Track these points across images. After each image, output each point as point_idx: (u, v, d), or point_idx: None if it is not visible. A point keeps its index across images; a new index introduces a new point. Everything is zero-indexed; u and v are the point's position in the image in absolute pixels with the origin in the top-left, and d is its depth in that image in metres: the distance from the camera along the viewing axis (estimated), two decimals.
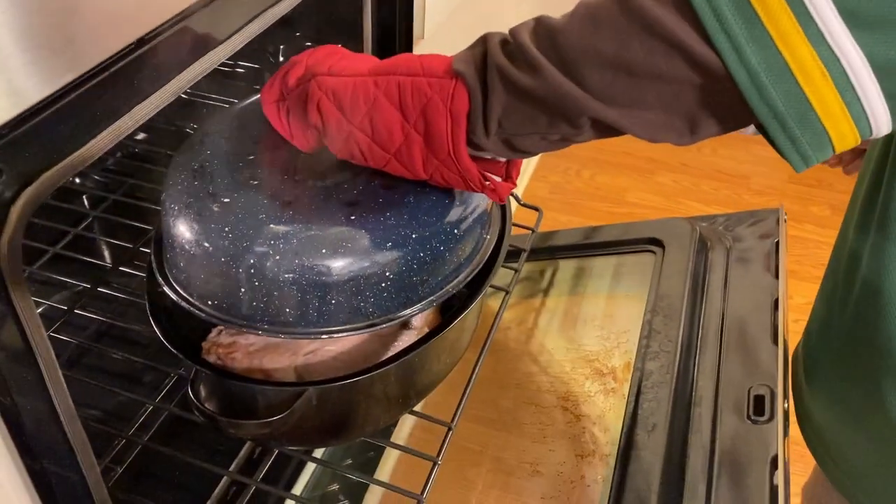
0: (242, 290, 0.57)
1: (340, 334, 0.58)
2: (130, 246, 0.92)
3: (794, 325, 1.95)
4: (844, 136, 0.43)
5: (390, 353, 0.67)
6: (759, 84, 0.42)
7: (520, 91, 0.49)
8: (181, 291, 0.61)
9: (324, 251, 0.56)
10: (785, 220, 0.91)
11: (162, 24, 0.52)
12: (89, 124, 0.49)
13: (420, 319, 0.73)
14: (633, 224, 0.96)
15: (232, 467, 0.70)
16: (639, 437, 0.68)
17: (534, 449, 0.76)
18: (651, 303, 0.81)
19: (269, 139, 0.63)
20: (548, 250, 1.01)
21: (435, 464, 0.66)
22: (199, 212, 0.58)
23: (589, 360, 0.83)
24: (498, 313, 0.79)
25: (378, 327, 0.59)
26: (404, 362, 0.61)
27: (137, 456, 0.73)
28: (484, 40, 0.52)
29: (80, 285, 0.87)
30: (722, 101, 0.44)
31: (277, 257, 0.55)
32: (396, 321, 0.60)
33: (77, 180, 1.11)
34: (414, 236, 0.58)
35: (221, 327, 0.72)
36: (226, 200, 0.58)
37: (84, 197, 1.09)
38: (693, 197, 2.36)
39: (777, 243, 0.86)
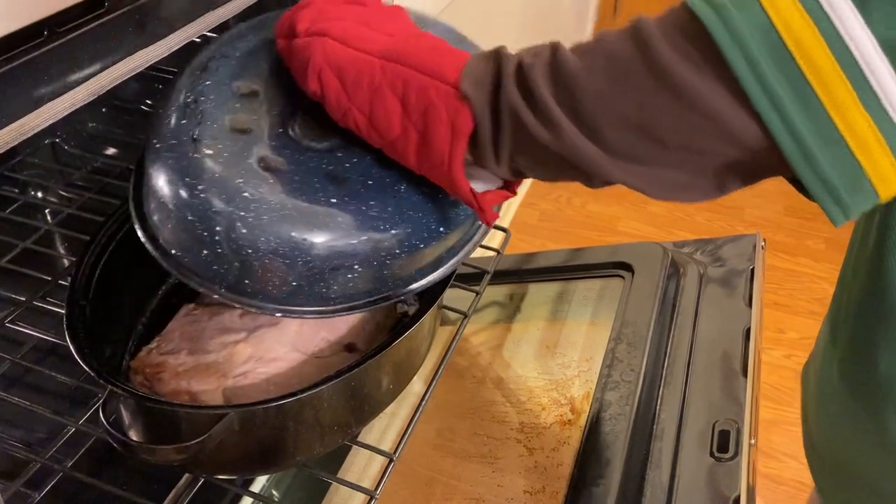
0: (205, 252, 0.54)
1: (290, 315, 0.56)
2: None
3: (786, 361, 1.91)
4: (892, 192, 0.40)
5: None
6: (808, 152, 0.38)
7: (533, 141, 0.45)
8: (149, 232, 0.58)
9: (293, 233, 0.52)
10: (763, 247, 0.87)
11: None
12: None
13: (365, 342, 0.69)
14: (603, 248, 0.91)
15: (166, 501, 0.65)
16: (592, 472, 0.63)
17: (482, 483, 0.72)
18: (616, 330, 0.77)
19: (279, 75, 0.59)
20: (518, 273, 0.97)
21: (372, 497, 0.61)
22: (177, 159, 0.54)
23: (548, 389, 0.78)
24: (454, 337, 0.75)
25: (332, 314, 0.56)
26: (338, 385, 0.57)
27: (63, 483, 0.68)
28: (497, 63, 0.47)
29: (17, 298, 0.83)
30: (759, 162, 0.41)
31: (244, 229, 0.52)
32: (350, 311, 0.57)
33: (40, 194, 1.08)
34: (392, 232, 0.55)
35: (152, 346, 0.68)
36: (207, 152, 0.54)
37: (47, 211, 1.06)
38: (686, 227, 2.32)
39: (752, 270, 0.82)
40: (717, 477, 0.61)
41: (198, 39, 0.67)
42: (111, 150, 1.08)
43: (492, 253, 0.87)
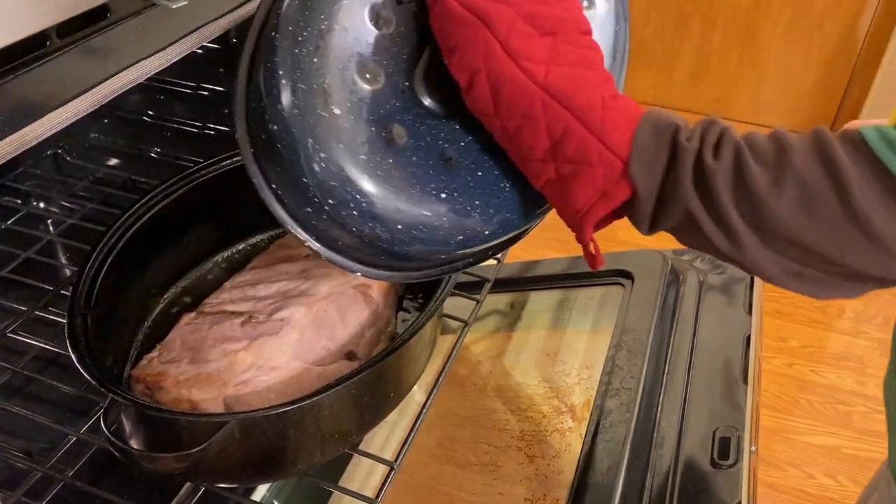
0: (308, 210, 0.54)
1: (368, 276, 0.58)
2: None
3: (788, 369, 1.90)
4: None
5: None
6: None
7: (704, 239, 0.45)
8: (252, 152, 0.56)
9: (398, 225, 0.53)
10: None
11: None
12: None
13: (365, 351, 0.69)
14: (603, 255, 0.91)
15: None
16: (593, 480, 0.63)
17: (483, 491, 0.72)
18: (616, 337, 0.77)
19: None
20: (519, 282, 0.97)
21: None
22: (299, 104, 0.51)
23: (548, 397, 0.78)
24: (455, 346, 0.75)
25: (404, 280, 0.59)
26: (339, 393, 0.57)
27: (63, 492, 0.68)
28: (672, 149, 0.45)
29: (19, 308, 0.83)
30: None
31: (354, 211, 0.52)
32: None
33: (42, 205, 1.08)
34: (486, 232, 0.57)
35: (153, 355, 0.68)
36: (336, 112, 0.51)
37: (49, 222, 1.06)
38: None
39: (752, 278, 0.82)
40: (718, 484, 0.61)
41: (199, 51, 0.67)
42: (113, 161, 1.08)
43: (492, 261, 0.88)
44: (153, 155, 1.05)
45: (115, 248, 0.69)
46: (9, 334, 0.82)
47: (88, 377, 0.56)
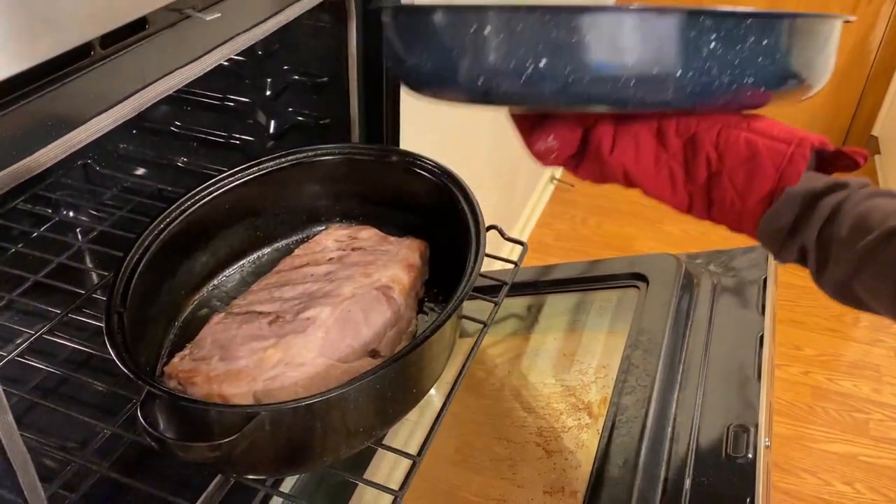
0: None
1: None
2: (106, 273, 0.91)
3: (803, 378, 1.90)
4: None
5: None
6: None
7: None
8: None
9: None
10: None
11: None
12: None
13: (388, 349, 0.71)
14: (619, 259, 0.94)
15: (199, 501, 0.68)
16: (610, 473, 0.65)
17: (501, 485, 0.73)
18: (632, 337, 0.79)
19: None
20: (536, 285, 0.99)
21: (396, 497, 0.63)
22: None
23: (565, 395, 0.80)
24: (474, 346, 0.77)
25: None
26: (363, 387, 0.59)
27: (97, 485, 0.71)
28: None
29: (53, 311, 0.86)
30: None
31: None
32: None
33: (72, 213, 1.11)
34: None
35: (185, 353, 0.71)
36: None
37: (78, 230, 1.09)
38: (702, 246, 2.32)
39: (765, 280, 0.83)
40: (733, 477, 0.63)
41: (225, 63, 0.70)
42: (141, 171, 1.12)
43: (509, 265, 0.90)
44: (180, 164, 1.08)
45: (147, 252, 0.72)
46: (44, 336, 0.85)
47: (126, 370, 0.58)
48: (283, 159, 0.84)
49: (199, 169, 1.07)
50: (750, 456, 0.64)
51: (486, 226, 0.80)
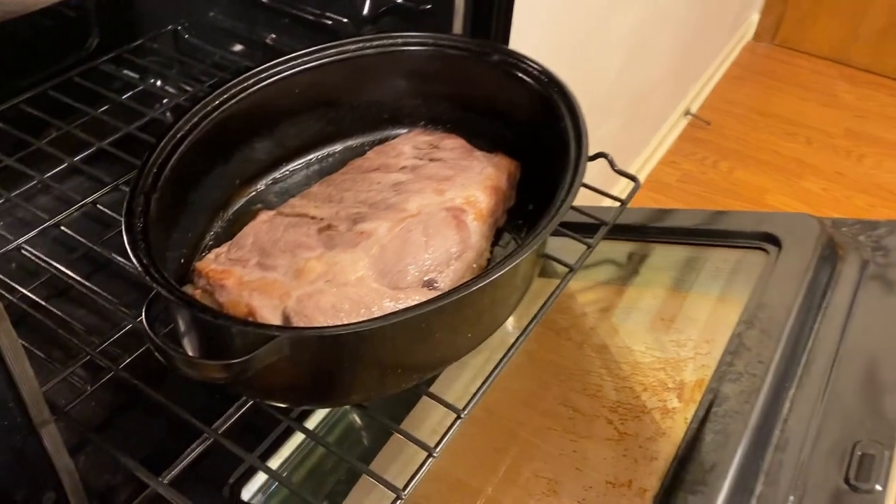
0: None
1: None
2: None
3: None
4: None
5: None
6: None
7: None
8: None
9: None
10: None
11: None
12: None
13: (448, 281, 0.60)
14: (749, 214, 0.78)
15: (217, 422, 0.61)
16: (691, 475, 0.52)
17: (557, 462, 0.62)
18: (748, 311, 0.65)
19: None
20: (642, 231, 0.85)
21: (430, 455, 0.54)
22: None
23: (654, 367, 0.67)
24: (555, 290, 0.65)
25: None
26: (405, 323, 0.49)
27: (112, 390, 0.65)
28: None
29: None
30: None
31: None
32: None
33: (159, 83, 1.05)
34: None
35: (222, 250, 0.63)
36: None
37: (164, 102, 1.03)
38: (843, 210, 2.07)
39: None
40: None
41: None
42: (229, 45, 1.03)
43: (614, 202, 0.76)
44: (268, 42, 0.99)
45: (195, 129, 0.63)
46: (98, 206, 0.79)
47: (136, 262, 0.50)
48: (367, 44, 0.72)
49: (287, 48, 0.97)
50: (879, 487, 0.50)
51: (594, 153, 0.67)
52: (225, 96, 0.66)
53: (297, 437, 0.66)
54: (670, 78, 2.05)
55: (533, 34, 1.12)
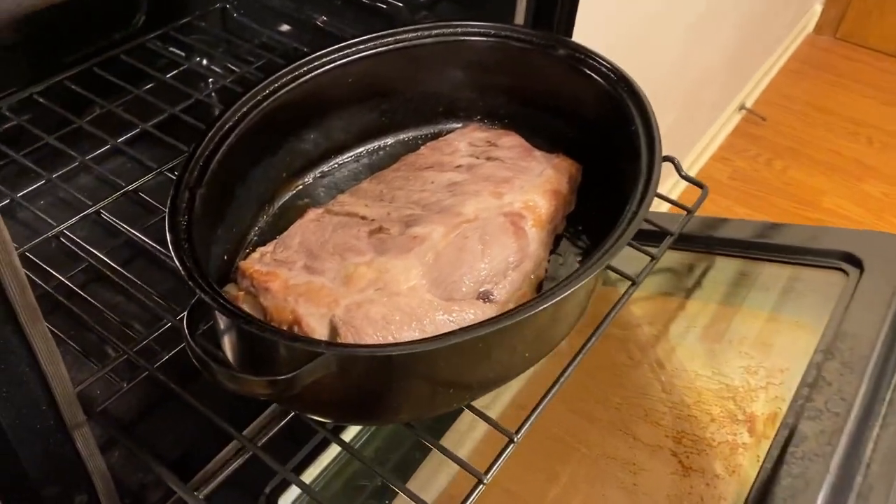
0: None
1: None
2: None
3: None
4: None
5: (454, 327, 0.51)
6: None
7: None
8: None
9: None
10: None
11: None
12: None
13: (504, 293, 0.56)
14: (825, 230, 0.72)
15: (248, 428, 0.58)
16: None
17: (614, 496, 0.58)
18: (826, 340, 0.60)
19: None
20: (705, 241, 0.80)
21: (480, 483, 0.50)
22: None
23: (722, 396, 0.62)
24: (615, 306, 0.61)
25: None
26: (462, 343, 0.45)
27: (147, 387, 0.62)
28: None
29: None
30: None
31: None
32: None
33: (205, 62, 1.02)
34: None
35: (268, 249, 0.59)
36: None
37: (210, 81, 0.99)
38: None
39: None
40: None
41: None
42: (277, 25, 1.00)
43: (680, 210, 0.71)
44: (319, 24, 0.95)
45: (244, 120, 0.60)
46: (139, 193, 0.77)
47: (179, 266, 0.47)
48: (425, 33, 0.68)
49: (337, 31, 0.93)
50: None
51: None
52: (276, 85, 0.62)
53: (335, 448, 0.63)
54: (726, 71, 1.97)
55: (595, 27, 1.06)
